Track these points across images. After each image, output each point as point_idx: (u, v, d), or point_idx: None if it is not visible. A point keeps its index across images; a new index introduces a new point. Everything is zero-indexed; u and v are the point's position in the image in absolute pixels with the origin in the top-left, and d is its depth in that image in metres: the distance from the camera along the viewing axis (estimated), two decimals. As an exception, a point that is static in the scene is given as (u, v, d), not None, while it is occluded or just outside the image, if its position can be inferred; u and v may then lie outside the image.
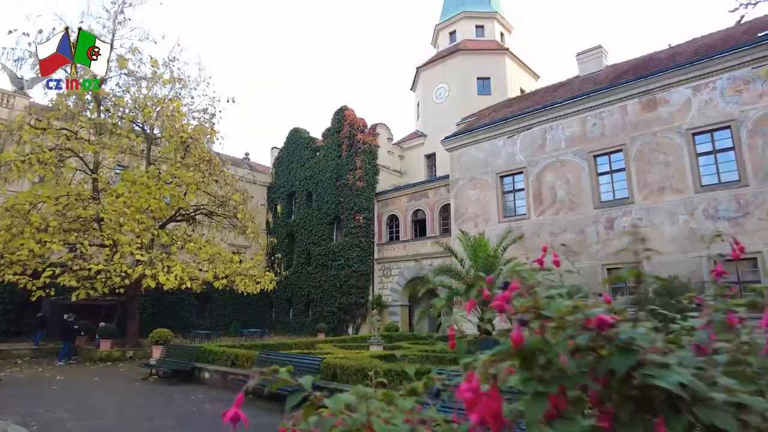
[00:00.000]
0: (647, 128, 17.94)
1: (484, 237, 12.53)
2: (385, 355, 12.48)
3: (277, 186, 33.78)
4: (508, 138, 21.94)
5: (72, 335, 17.60)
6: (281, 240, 32.24)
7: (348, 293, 27.33)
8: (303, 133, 33.11)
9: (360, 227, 27.77)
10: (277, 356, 9.36)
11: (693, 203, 16.50)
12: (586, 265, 18.56)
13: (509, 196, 21.71)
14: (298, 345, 15.99)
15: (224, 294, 29.74)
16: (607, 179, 18.84)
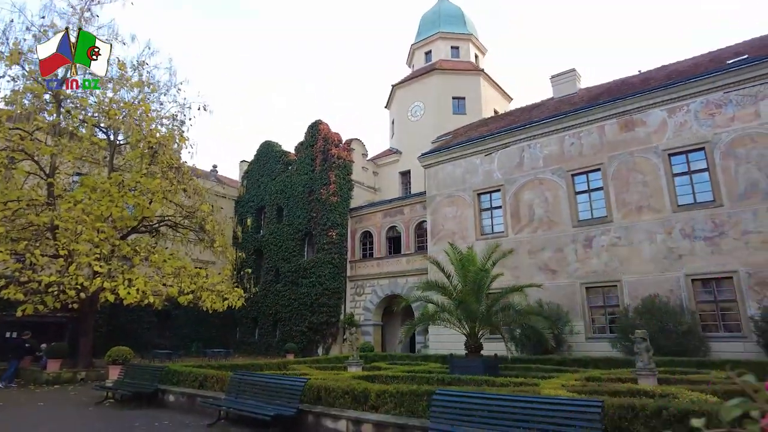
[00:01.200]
0: (625, 148, 18.15)
1: (473, 251, 12.09)
2: (368, 375, 11.69)
3: (246, 200, 32.62)
4: (485, 155, 21.84)
5: (21, 353, 15.97)
6: (249, 256, 30.96)
7: (319, 312, 26.32)
8: (275, 146, 32.27)
9: (333, 243, 26.97)
10: (254, 377, 8.48)
11: (671, 222, 16.64)
12: (564, 283, 18.41)
13: (486, 213, 21.50)
14: (269, 366, 14.96)
15: (186, 311, 28.14)
16: (585, 198, 18.88)
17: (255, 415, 7.13)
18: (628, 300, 16.70)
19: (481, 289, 11.30)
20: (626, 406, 5.11)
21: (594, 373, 10.56)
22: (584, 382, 8.68)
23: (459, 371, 10.97)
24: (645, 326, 14.35)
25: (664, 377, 9.36)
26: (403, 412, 6.79)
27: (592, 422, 4.73)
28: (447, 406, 5.76)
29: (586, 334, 17.47)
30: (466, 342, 11.53)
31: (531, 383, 9.07)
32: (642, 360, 8.78)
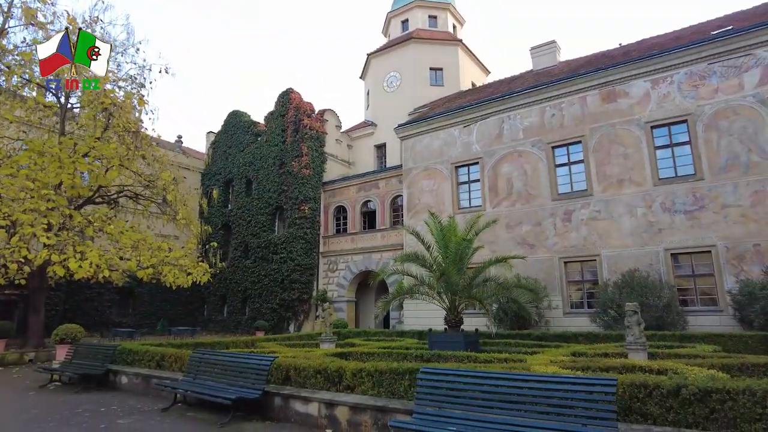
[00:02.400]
0: (607, 120, 17.68)
1: (454, 221, 11.40)
2: (341, 353, 10.98)
3: (213, 172, 31.15)
4: (464, 127, 21.10)
5: None
6: (216, 231, 29.63)
7: (290, 288, 25.44)
8: (243, 116, 30.75)
9: (305, 218, 25.97)
10: (215, 356, 7.62)
11: (651, 196, 16.35)
12: (542, 257, 18.05)
13: (464, 187, 20.88)
14: (237, 344, 14.10)
15: (150, 288, 26.89)
16: (565, 171, 18.42)
17: (214, 399, 6.32)
18: (608, 274, 16.45)
19: (462, 261, 10.67)
20: (638, 384, 4.51)
21: (579, 347, 10.12)
22: (573, 358, 8.17)
23: (438, 347, 10.37)
24: (625, 301, 14.10)
25: (652, 351, 8.96)
26: (382, 392, 6.09)
27: (604, 403, 4.09)
28: (434, 386, 5.07)
29: (564, 309, 17.21)
30: (446, 316, 10.93)
31: (517, 359, 8.52)
32: (633, 334, 8.33)
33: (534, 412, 4.41)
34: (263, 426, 6.24)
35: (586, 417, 4.10)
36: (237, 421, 6.37)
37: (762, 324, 12.85)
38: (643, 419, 4.44)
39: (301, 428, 6.10)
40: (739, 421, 4.02)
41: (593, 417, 4.07)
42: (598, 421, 4.04)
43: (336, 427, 5.96)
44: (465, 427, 4.45)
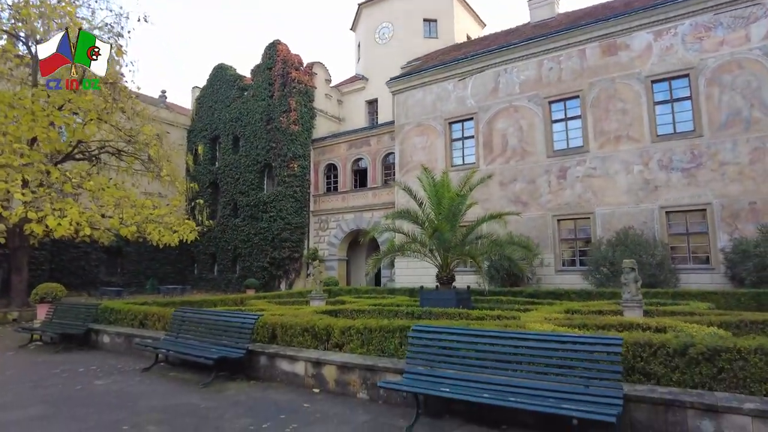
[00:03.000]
0: (606, 73, 17.06)
1: (447, 176, 10.99)
2: (331, 310, 10.77)
3: (199, 129, 30.17)
4: (458, 80, 20.35)
5: None
6: (203, 189, 29.08)
7: (280, 247, 25.15)
8: (229, 70, 29.50)
9: (294, 176, 25.38)
10: (198, 314, 7.31)
11: (649, 153, 15.98)
12: (535, 215, 17.82)
13: (458, 143, 20.36)
14: (225, 302, 13.87)
15: (138, 247, 26.49)
16: (562, 127, 17.93)
17: (196, 359, 6.05)
18: (601, 232, 16.28)
19: (456, 218, 10.32)
20: (643, 343, 4.25)
21: (572, 305, 9.98)
22: (567, 315, 7.99)
23: (430, 304, 10.17)
24: (619, 258, 13.98)
25: (646, 309, 8.80)
26: (372, 351, 5.85)
27: (608, 363, 3.83)
28: (425, 344, 4.79)
29: (556, 267, 17.13)
30: (437, 274, 10.69)
31: (510, 316, 8.33)
32: (629, 291, 8.13)
33: (532, 372, 4.17)
34: (247, 386, 6.01)
35: (589, 377, 3.85)
36: (220, 381, 6.14)
37: (754, 281, 12.81)
38: (646, 379, 4.21)
39: (288, 388, 5.87)
40: (750, 381, 3.79)
41: (596, 378, 3.82)
42: (601, 381, 3.80)
43: (324, 386, 5.74)
44: (459, 387, 4.20)
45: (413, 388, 4.18)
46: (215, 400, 5.29)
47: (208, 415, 4.75)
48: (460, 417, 4.52)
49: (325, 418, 4.62)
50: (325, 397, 5.43)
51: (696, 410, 3.63)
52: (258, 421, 4.53)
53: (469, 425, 4.32)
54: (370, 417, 4.61)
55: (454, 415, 4.56)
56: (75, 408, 5.04)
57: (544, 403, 3.70)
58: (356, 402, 5.18)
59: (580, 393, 3.76)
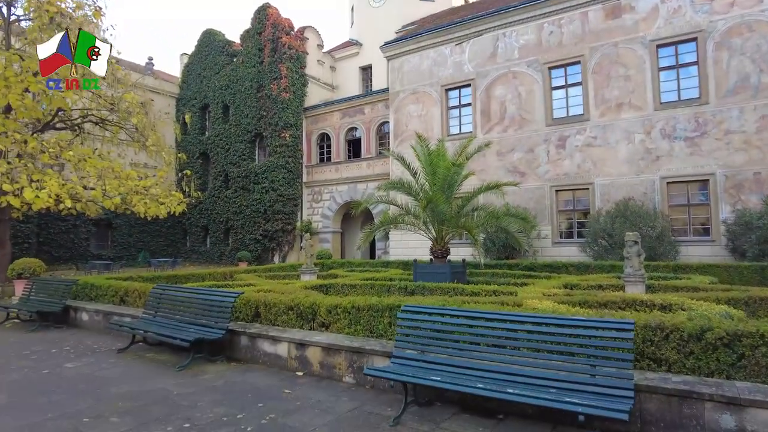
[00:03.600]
0: (609, 38, 16.31)
1: (443, 145, 10.45)
2: (321, 285, 10.42)
3: (188, 97, 29.23)
4: (456, 45, 19.51)
5: None
6: (194, 160, 28.42)
7: (273, 219, 24.69)
8: (217, 35, 28.39)
9: (286, 146, 24.69)
10: (177, 291, 6.90)
11: (651, 121, 15.42)
12: (533, 186, 17.36)
13: (455, 111, 19.68)
14: (214, 276, 13.48)
15: (128, 220, 26.04)
16: (562, 94, 17.28)
17: (171, 340, 5.65)
18: (600, 203, 15.87)
19: (451, 188, 9.85)
20: (654, 327, 3.86)
21: (570, 278, 9.63)
22: (566, 291, 7.63)
23: (423, 278, 9.81)
24: (618, 230, 13.62)
25: (648, 283, 8.45)
26: (360, 330, 5.47)
27: (618, 351, 3.44)
28: (415, 326, 4.40)
29: (553, 239, 16.79)
30: (431, 247, 10.28)
31: (507, 291, 7.97)
32: (632, 265, 7.75)
33: (532, 359, 3.79)
34: (227, 368, 5.64)
35: (596, 365, 3.46)
36: (198, 363, 5.76)
37: (756, 254, 12.49)
38: (656, 365, 3.83)
39: (270, 371, 5.51)
40: (773, 370, 3.42)
41: (604, 366, 3.44)
42: (610, 370, 3.41)
43: (308, 369, 5.38)
44: (451, 376, 3.82)
45: (401, 376, 3.80)
46: (190, 386, 4.91)
47: (180, 403, 4.38)
48: (453, 405, 4.16)
49: (306, 406, 4.26)
50: (308, 381, 5.07)
51: (715, 403, 3.26)
52: (233, 411, 4.16)
53: (462, 415, 3.97)
54: (354, 405, 4.25)
55: (447, 404, 4.21)
56: (37, 396, 4.65)
57: (545, 395, 3.32)
58: (341, 387, 4.82)
59: (586, 383, 3.38)
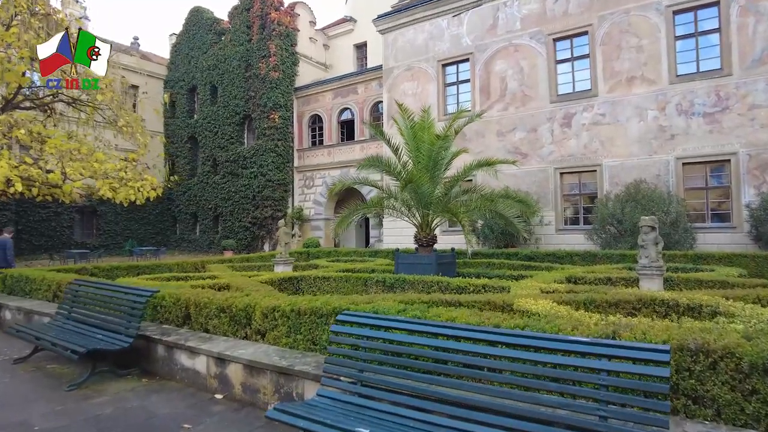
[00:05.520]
0: (619, 5, 14.80)
1: (428, 114, 9.15)
2: (292, 277, 9.22)
3: (176, 79, 27.90)
4: (453, 17, 18.03)
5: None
6: (182, 144, 27.22)
7: (263, 206, 23.50)
8: (206, 13, 26.97)
9: (276, 128, 23.39)
10: (95, 287, 5.70)
11: (666, 96, 13.98)
12: (535, 168, 16.01)
13: (452, 88, 18.27)
14: (184, 266, 12.34)
15: (114, 207, 24.87)
16: (568, 68, 15.84)
17: (63, 351, 4.46)
18: (609, 187, 14.51)
19: (437, 166, 8.56)
20: (693, 349, 2.59)
21: (575, 270, 8.35)
22: (569, 286, 6.37)
23: (406, 270, 8.59)
24: (628, 216, 12.30)
25: (666, 276, 7.17)
26: (301, 341, 4.25)
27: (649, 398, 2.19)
28: (354, 344, 3.16)
29: (557, 226, 15.48)
30: (416, 234, 9.03)
31: (498, 287, 6.73)
32: (647, 255, 6.46)
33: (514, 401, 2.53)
34: (133, 387, 4.44)
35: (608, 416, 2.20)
36: (100, 379, 4.57)
37: (784, 242, 11.17)
38: (698, 406, 2.58)
39: (185, 391, 4.31)
40: None
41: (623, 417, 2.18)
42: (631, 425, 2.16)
43: (228, 390, 4.17)
44: (392, 426, 2.57)
45: (313, 425, 2.56)
46: (64, 416, 3.72)
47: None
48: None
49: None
50: (224, 410, 3.86)
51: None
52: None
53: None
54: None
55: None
56: None
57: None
58: (261, 422, 3.60)
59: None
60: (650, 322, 3.56)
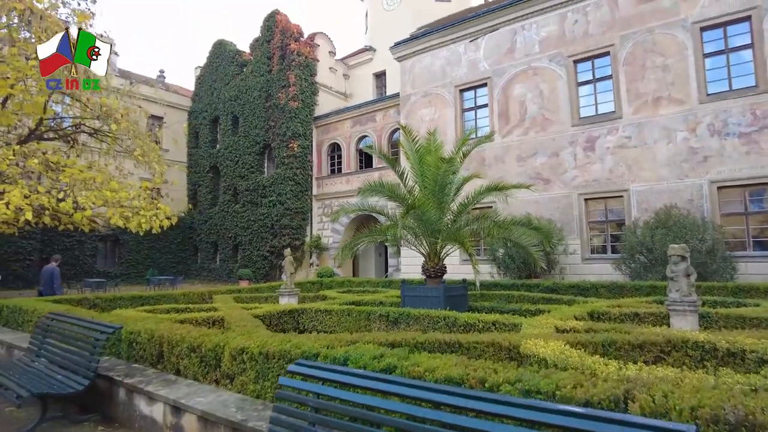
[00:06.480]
0: (642, 23, 14.24)
1: (434, 135, 8.68)
2: (293, 310, 8.72)
3: (199, 110, 28.47)
4: (470, 42, 17.77)
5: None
6: (204, 174, 27.53)
7: (280, 234, 23.28)
8: (228, 45, 27.62)
9: (294, 157, 23.36)
10: (65, 320, 5.31)
11: (696, 116, 13.18)
12: (558, 194, 15.27)
13: (470, 114, 17.86)
14: (190, 296, 12.03)
15: (135, 236, 25.02)
16: (590, 90, 15.24)
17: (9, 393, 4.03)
18: (637, 213, 13.63)
19: (444, 191, 8.02)
20: (734, 424, 1.93)
21: (599, 304, 7.58)
22: (589, 323, 5.66)
23: (412, 303, 7.98)
24: (658, 244, 11.40)
25: (703, 312, 6.36)
26: (268, 388, 3.72)
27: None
28: (304, 402, 2.61)
29: (583, 255, 14.59)
30: (423, 264, 8.45)
31: (509, 324, 6.07)
32: (678, 288, 5.72)
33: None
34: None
35: None
36: (51, 427, 4.11)
37: (838, 272, 10.06)
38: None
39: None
40: None
41: None
42: None
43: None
44: None
45: None
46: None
47: None
48: None
49: None
50: (174, 470, 3.33)
51: None
52: None
53: None
54: None
55: None
56: None
57: None
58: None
59: None
60: (677, 376, 2.90)
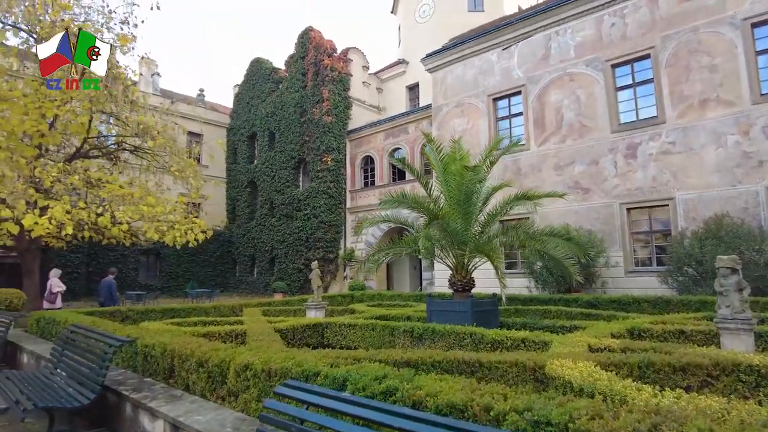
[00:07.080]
0: (686, 23, 13.50)
1: (459, 143, 8.39)
2: (316, 324, 8.55)
3: (237, 127, 29.21)
4: (503, 50, 17.41)
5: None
6: (242, 188, 28.11)
7: (314, 248, 23.36)
8: (265, 63, 28.30)
9: (328, 171, 23.49)
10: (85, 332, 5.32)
11: (749, 118, 12.30)
12: (598, 204, 14.56)
13: (504, 123, 17.43)
14: (221, 309, 12.10)
15: (176, 250, 25.75)
16: (629, 94, 14.56)
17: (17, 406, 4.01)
18: (684, 222, 12.79)
19: (470, 200, 7.68)
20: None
21: (640, 320, 7.01)
22: (626, 342, 5.18)
23: (438, 318, 7.65)
24: (708, 255, 10.60)
25: (758, 330, 5.74)
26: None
27: None
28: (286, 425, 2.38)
29: (626, 267, 13.79)
30: (450, 277, 8.12)
31: (539, 341, 5.68)
32: (729, 304, 5.16)
33: None
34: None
35: None
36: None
37: None
38: None
39: (142, 462, 3.68)
40: None
41: None
42: None
43: (183, 466, 3.47)
44: None
45: None
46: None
47: None
48: None
49: None
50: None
51: None
52: None
53: None
54: None
55: None
56: None
57: None
58: None
59: None
60: (722, 407, 2.50)
